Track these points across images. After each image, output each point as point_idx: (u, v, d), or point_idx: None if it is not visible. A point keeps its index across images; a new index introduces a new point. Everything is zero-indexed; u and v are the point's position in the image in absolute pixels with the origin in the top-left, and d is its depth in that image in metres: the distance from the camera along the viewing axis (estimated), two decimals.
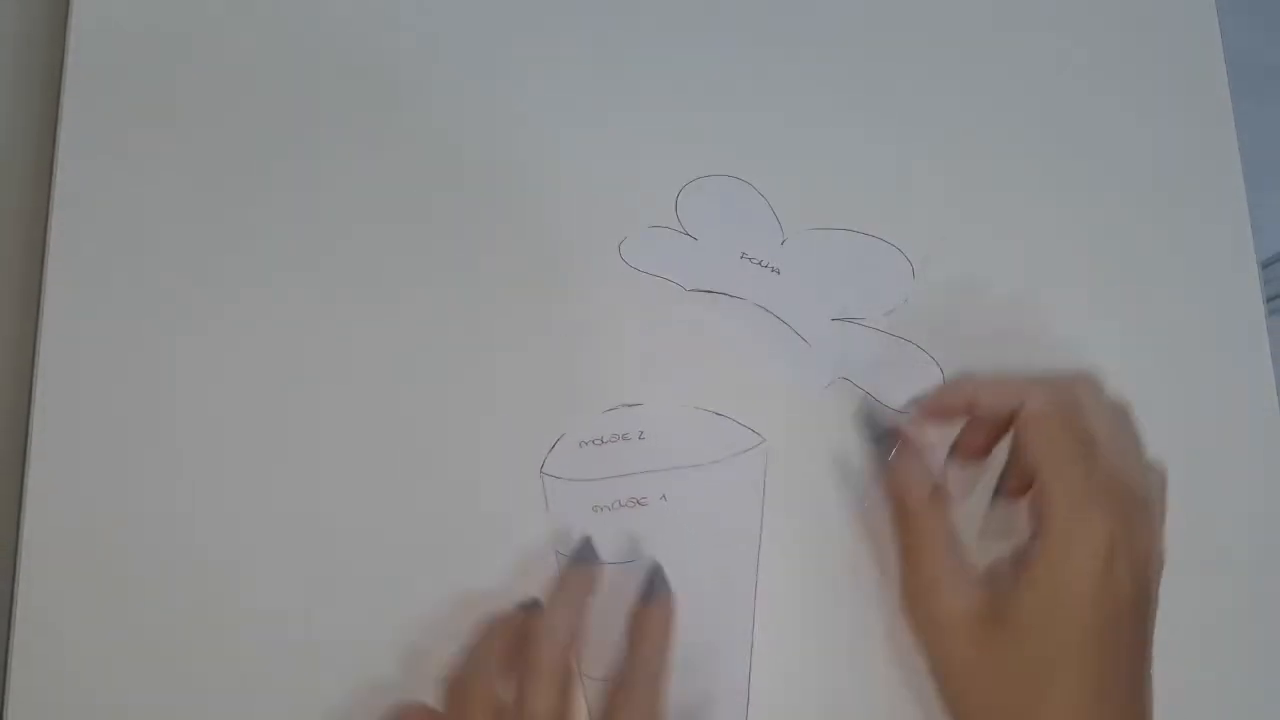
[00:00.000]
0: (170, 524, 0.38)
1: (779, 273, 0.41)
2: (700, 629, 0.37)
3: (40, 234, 0.41)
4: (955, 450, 0.37)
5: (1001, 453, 0.36)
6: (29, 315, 0.40)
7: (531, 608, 0.36)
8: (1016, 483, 0.36)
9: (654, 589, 0.36)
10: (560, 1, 0.44)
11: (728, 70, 0.44)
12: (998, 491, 0.37)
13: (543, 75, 0.43)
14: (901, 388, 0.40)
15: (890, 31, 0.44)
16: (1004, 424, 0.35)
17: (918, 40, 0.44)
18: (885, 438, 0.38)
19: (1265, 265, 0.65)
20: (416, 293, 0.40)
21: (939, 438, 0.37)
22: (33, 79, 0.44)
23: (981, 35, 0.44)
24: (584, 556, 0.37)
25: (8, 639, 0.37)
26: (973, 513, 0.38)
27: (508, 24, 0.44)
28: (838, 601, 0.38)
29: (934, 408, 0.37)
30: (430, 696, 0.34)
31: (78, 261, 0.40)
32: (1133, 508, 0.32)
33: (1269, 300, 0.44)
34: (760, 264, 0.41)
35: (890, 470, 0.37)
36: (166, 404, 0.39)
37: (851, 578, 0.38)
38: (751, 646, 0.37)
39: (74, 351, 0.39)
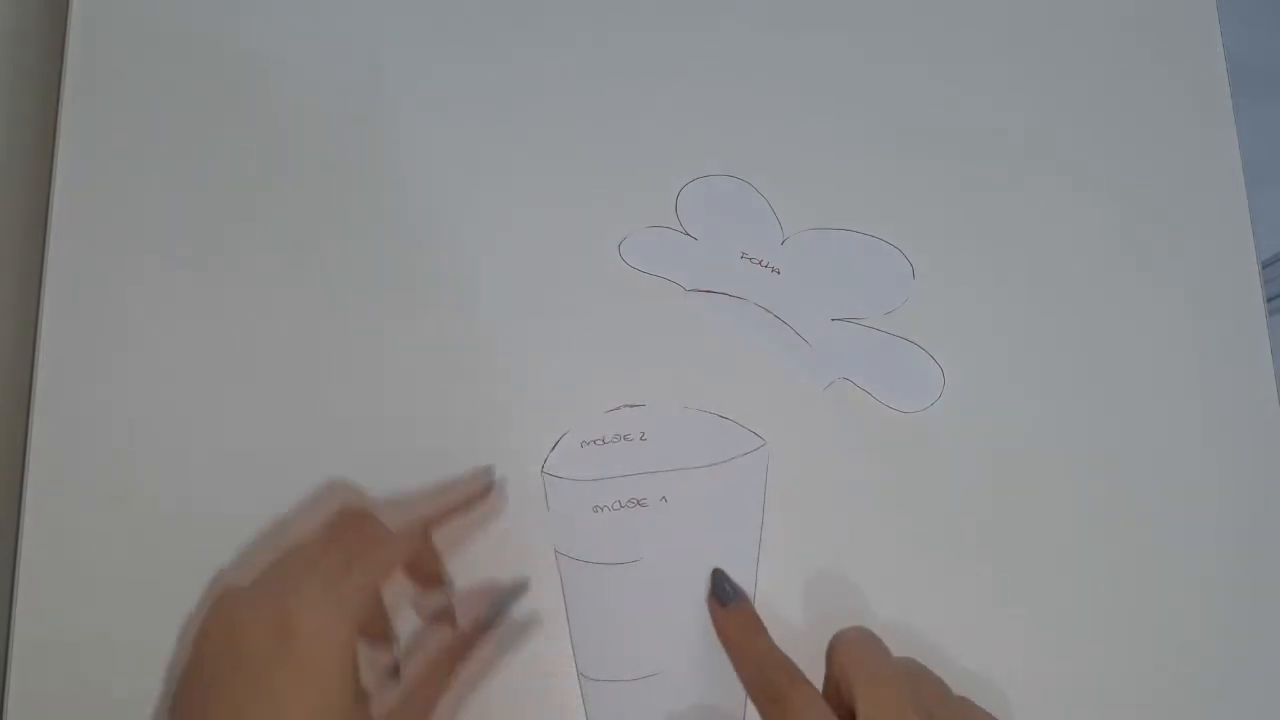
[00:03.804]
0: (170, 523, 0.38)
1: (779, 273, 0.41)
2: (700, 632, 0.37)
3: (40, 234, 0.41)
4: None
5: None
6: (29, 315, 0.40)
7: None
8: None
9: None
10: (561, 1, 0.44)
11: (728, 69, 0.44)
12: None
13: (542, 74, 0.43)
14: (901, 388, 0.40)
15: (891, 31, 0.44)
16: None
17: (918, 40, 0.44)
18: None
19: (1265, 265, 0.65)
20: (419, 291, 0.41)
21: None
22: (33, 79, 0.44)
23: (981, 35, 0.45)
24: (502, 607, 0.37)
25: (8, 639, 0.37)
26: None
27: (507, 22, 0.44)
28: (838, 603, 0.38)
29: None
30: None
31: (78, 260, 0.40)
32: None
33: (1269, 300, 0.44)
34: (760, 264, 0.41)
35: None
36: (166, 402, 0.39)
37: (851, 579, 0.38)
38: None
39: (74, 351, 0.39)
